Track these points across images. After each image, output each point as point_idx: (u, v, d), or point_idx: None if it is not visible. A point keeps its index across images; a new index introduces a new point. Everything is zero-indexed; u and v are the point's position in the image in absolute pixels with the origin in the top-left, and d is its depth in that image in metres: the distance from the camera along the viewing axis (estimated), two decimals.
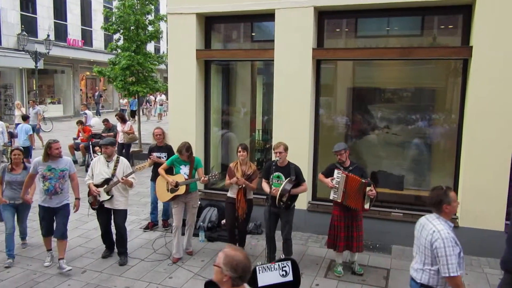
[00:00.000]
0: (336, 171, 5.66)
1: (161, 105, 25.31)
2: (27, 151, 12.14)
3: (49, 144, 5.72)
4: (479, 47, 6.01)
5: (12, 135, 11.94)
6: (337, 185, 5.59)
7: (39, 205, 5.84)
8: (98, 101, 27.69)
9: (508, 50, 5.87)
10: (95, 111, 25.29)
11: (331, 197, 5.73)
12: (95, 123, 13.98)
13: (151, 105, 27.05)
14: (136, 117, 15.16)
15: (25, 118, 12.96)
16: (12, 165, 6.08)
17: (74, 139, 12.99)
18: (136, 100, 22.27)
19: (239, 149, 5.99)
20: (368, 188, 5.48)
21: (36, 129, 14.52)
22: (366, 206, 5.59)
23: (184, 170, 6.12)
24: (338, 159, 5.71)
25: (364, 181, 5.50)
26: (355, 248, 5.73)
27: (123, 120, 11.83)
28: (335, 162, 5.79)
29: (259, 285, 4.37)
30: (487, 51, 5.96)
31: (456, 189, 6.56)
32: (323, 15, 7.00)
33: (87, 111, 15.47)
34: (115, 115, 12.93)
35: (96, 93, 28.13)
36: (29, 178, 5.95)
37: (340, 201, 5.59)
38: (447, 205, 3.45)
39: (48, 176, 5.70)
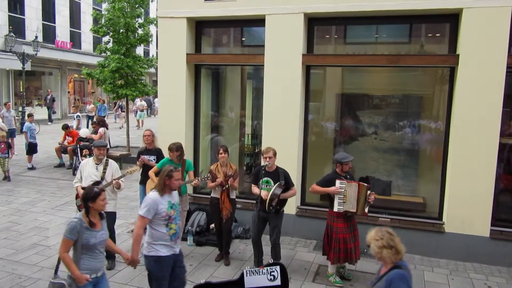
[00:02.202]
0: (339, 182, 5.52)
1: (141, 111, 23.26)
2: (33, 147, 12.27)
3: (170, 173, 4.28)
4: (466, 56, 6.12)
5: (9, 146, 11.13)
6: (341, 196, 5.50)
7: (161, 258, 4.27)
8: (50, 106, 24.10)
9: (494, 58, 5.99)
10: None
11: (335, 210, 5.54)
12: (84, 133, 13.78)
13: (123, 111, 23.99)
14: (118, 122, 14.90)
15: (30, 115, 12.95)
16: (90, 216, 3.92)
17: (60, 144, 12.85)
18: (105, 105, 21.87)
19: (221, 150, 6.16)
20: (368, 192, 5.53)
21: (13, 134, 13.97)
22: (366, 210, 5.60)
23: None
24: (346, 169, 5.63)
25: (366, 185, 5.53)
26: (359, 257, 5.74)
27: (99, 126, 11.76)
28: (332, 172, 5.72)
29: (246, 286, 4.38)
30: (473, 59, 6.08)
31: (442, 195, 6.65)
32: (313, 22, 7.06)
33: (79, 114, 15.21)
34: (96, 119, 12.92)
35: (49, 96, 24.16)
36: (141, 228, 4.25)
37: (354, 210, 5.51)
38: None
39: (173, 215, 4.34)
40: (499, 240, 6.28)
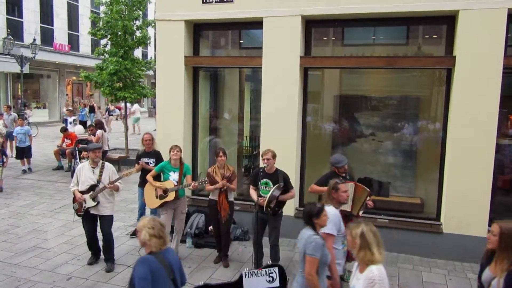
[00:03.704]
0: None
1: (133, 113, 21.42)
2: (25, 151, 12.10)
3: (336, 186, 4.28)
4: (462, 57, 6.15)
5: (4, 154, 10.53)
6: None
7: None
8: (22, 111, 20.34)
9: (490, 59, 6.02)
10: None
11: None
12: (78, 130, 13.75)
13: (111, 115, 23.08)
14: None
15: (20, 118, 12.98)
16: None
17: (58, 146, 12.84)
18: (86, 109, 21.27)
19: (220, 153, 6.16)
20: (368, 198, 5.55)
21: (12, 136, 13.65)
22: (360, 212, 5.63)
23: (173, 176, 6.16)
24: (344, 171, 5.66)
25: (368, 190, 5.54)
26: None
27: (97, 128, 11.70)
28: (331, 172, 5.76)
29: None
30: (470, 60, 6.10)
31: (440, 196, 6.68)
32: (310, 24, 7.09)
33: (71, 118, 14.98)
34: (93, 122, 12.91)
35: (20, 101, 21.63)
36: (332, 246, 4.06)
37: (350, 210, 5.52)
38: None
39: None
40: None
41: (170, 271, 3.31)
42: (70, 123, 14.61)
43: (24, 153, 12.14)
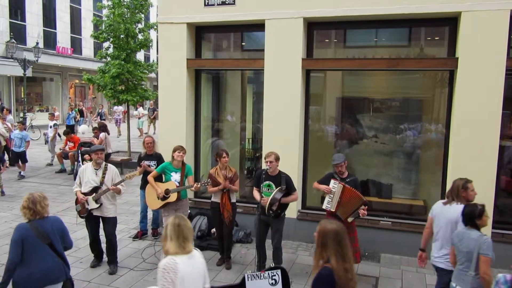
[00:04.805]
0: (332, 181, 5.65)
1: (139, 118, 21.14)
2: (20, 156, 11.92)
3: (466, 185, 4.52)
4: (465, 59, 6.14)
5: (1, 160, 10.20)
6: (331, 195, 5.59)
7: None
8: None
9: (493, 61, 6.01)
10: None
11: (324, 207, 5.69)
12: (84, 130, 13.66)
13: (104, 119, 21.47)
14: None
15: (19, 122, 12.86)
16: None
17: (61, 150, 12.83)
18: (72, 113, 20.66)
19: (223, 154, 6.18)
20: (362, 207, 5.54)
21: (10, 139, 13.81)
22: (350, 219, 5.63)
23: (175, 177, 6.15)
24: (338, 171, 5.72)
25: (364, 199, 5.54)
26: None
27: (100, 131, 11.69)
28: (333, 172, 5.82)
29: None
30: (472, 62, 6.09)
31: (443, 197, 6.63)
32: (312, 26, 7.09)
33: (51, 122, 14.77)
34: (97, 124, 12.89)
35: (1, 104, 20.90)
36: None
37: (333, 210, 5.58)
38: None
39: None
40: (500, 243, 6.26)
41: (44, 237, 3.94)
42: (50, 127, 14.34)
43: (19, 157, 11.94)
